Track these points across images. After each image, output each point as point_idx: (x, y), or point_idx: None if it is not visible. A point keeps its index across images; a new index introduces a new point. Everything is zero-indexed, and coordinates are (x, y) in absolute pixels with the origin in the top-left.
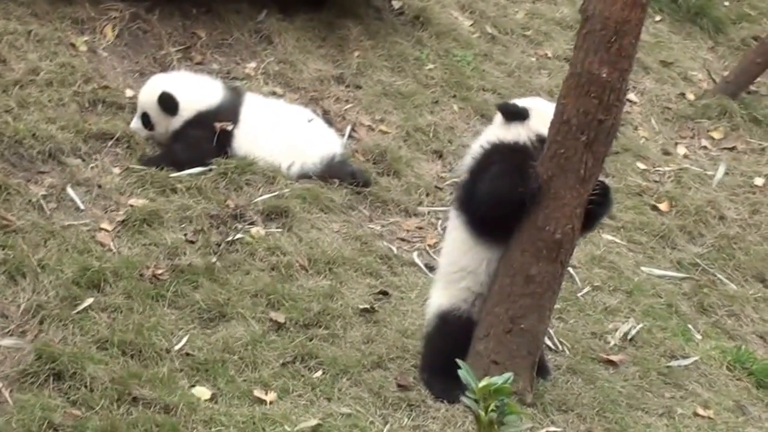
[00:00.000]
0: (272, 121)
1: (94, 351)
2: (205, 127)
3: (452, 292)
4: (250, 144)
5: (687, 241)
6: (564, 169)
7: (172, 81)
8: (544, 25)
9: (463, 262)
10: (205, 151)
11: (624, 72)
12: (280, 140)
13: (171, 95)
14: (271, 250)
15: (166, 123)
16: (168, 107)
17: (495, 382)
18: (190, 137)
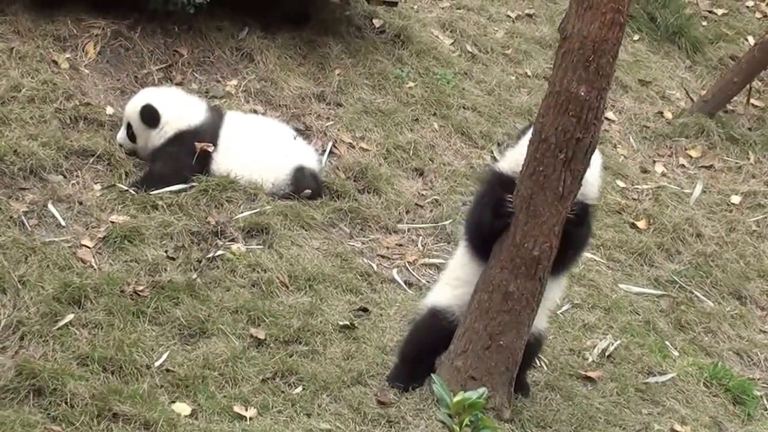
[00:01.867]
0: (251, 140)
1: (75, 367)
2: (185, 145)
3: (450, 293)
4: (229, 163)
5: (665, 259)
6: (543, 187)
7: (157, 95)
8: (524, 44)
9: (459, 273)
10: (184, 168)
11: (602, 91)
12: (258, 158)
13: (153, 107)
14: (252, 267)
15: (147, 136)
16: (148, 119)
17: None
18: (169, 155)
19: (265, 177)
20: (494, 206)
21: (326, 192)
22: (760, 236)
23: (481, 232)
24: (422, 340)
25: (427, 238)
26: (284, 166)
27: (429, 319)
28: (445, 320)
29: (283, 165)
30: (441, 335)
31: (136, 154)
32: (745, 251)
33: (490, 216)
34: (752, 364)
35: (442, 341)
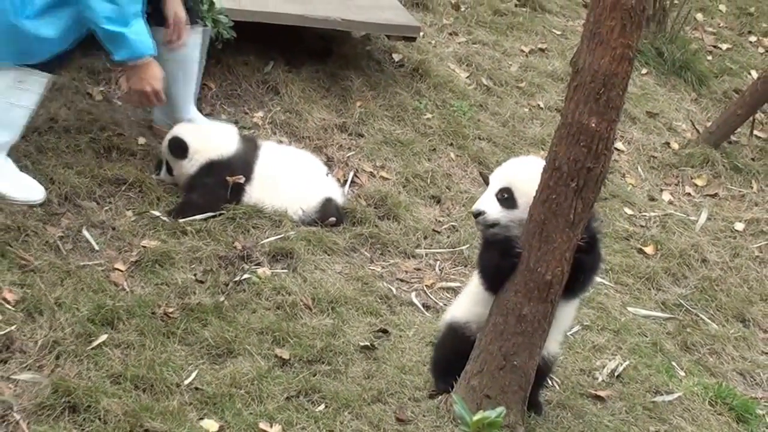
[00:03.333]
0: (285, 171)
1: (108, 385)
2: (218, 176)
3: (469, 309)
4: (261, 192)
5: (671, 283)
6: (555, 214)
7: (186, 128)
8: (537, 78)
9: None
10: (219, 199)
11: (612, 122)
12: (290, 188)
13: (180, 139)
14: (277, 290)
15: (179, 168)
16: (176, 151)
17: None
18: (204, 186)
19: (295, 205)
20: (501, 247)
21: (348, 219)
22: (762, 262)
23: (490, 274)
24: (446, 357)
25: (444, 262)
26: (314, 196)
27: (448, 335)
28: (462, 335)
29: (313, 195)
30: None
31: (177, 186)
32: (748, 276)
33: (498, 257)
34: (755, 384)
35: (461, 352)
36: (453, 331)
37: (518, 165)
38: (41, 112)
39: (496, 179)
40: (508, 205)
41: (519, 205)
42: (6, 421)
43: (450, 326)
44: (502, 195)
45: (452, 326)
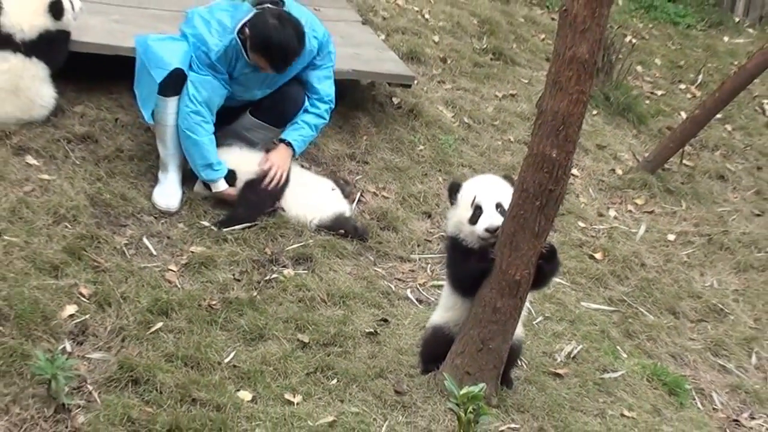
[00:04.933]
0: (308, 187)
1: (163, 363)
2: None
3: (444, 315)
4: (291, 203)
5: (616, 283)
6: (523, 227)
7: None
8: (509, 117)
9: (448, 301)
10: (261, 213)
11: (569, 153)
12: (309, 200)
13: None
14: (299, 287)
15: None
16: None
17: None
18: (250, 202)
19: (315, 215)
20: (479, 254)
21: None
22: (689, 266)
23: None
24: (429, 350)
25: (434, 265)
26: (330, 209)
27: (431, 335)
28: (442, 335)
29: (329, 208)
30: (440, 344)
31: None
32: (678, 277)
33: (475, 264)
34: (684, 365)
35: (442, 347)
36: (435, 332)
37: (494, 185)
38: (110, 143)
39: (487, 200)
40: (503, 215)
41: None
42: (81, 391)
43: (434, 329)
44: (501, 210)
45: (435, 329)
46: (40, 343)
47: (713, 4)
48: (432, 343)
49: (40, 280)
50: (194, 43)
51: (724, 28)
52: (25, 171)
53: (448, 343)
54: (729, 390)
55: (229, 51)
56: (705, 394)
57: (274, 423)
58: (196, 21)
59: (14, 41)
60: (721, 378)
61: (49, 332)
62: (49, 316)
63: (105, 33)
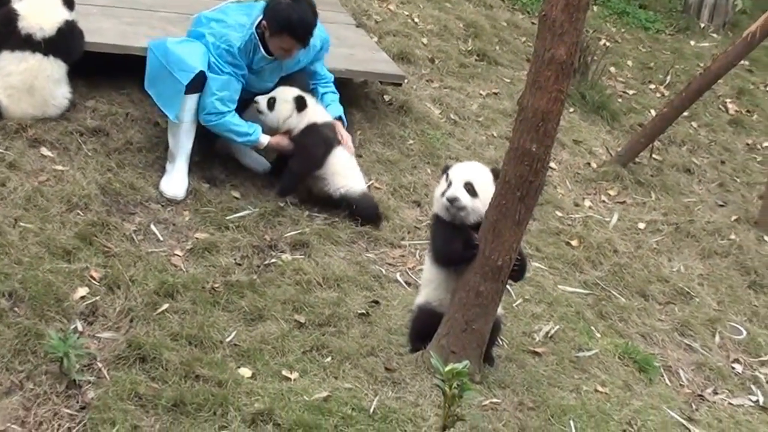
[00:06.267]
0: (344, 157)
1: (169, 341)
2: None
3: (427, 292)
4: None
5: (591, 268)
6: (504, 215)
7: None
8: (492, 114)
9: (430, 277)
10: (313, 166)
11: (548, 147)
12: (346, 170)
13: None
14: (296, 271)
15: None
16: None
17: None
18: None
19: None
20: (464, 241)
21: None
22: (658, 252)
23: (452, 260)
24: (417, 327)
25: (422, 251)
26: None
27: (418, 313)
28: (427, 311)
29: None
30: (426, 321)
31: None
32: (647, 263)
33: (461, 248)
34: (653, 344)
35: (428, 324)
36: (421, 311)
37: (471, 167)
38: (120, 136)
39: (457, 177)
40: (473, 194)
41: (479, 194)
42: (91, 368)
43: (419, 308)
44: (468, 187)
45: (420, 307)
46: (53, 323)
47: (681, 11)
48: (418, 321)
49: (53, 264)
50: (214, 43)
51: (690, 32)
52: (40, 162)
53: (433, 319)
54: (694, 367)
55: (248, 45)
56: (672, 371)
57: (272, 398)
58: (212, 22)
59: (34, 41)
60: (687, 356)
61: (62, 313)
62: (62, 298)
63: (117, 34)
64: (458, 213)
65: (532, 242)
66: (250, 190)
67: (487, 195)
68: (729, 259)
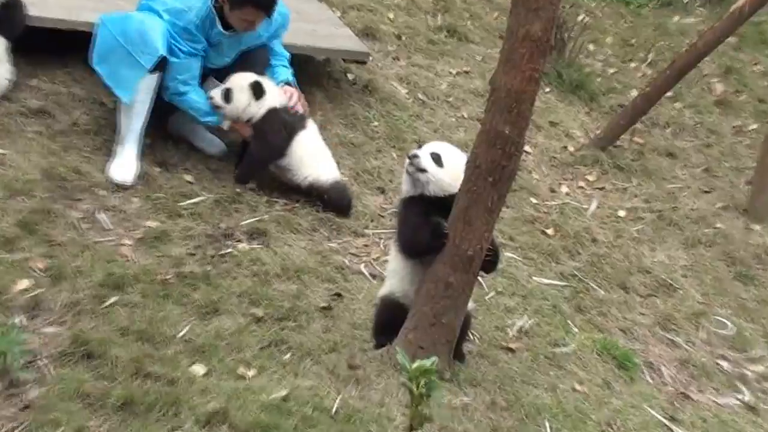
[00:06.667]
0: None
1: (117, 337)
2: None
3: (390, 283)
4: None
5: (568, 258)
6: (476, 202)
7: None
8: (462, 94)
9: (395, 267)
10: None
11: (522, 130)
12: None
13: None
14: (253, 261)
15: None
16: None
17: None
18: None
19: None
20: (432, 229)
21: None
22: (639, 241)
23: (419, 249)
24: (380, 319)
25: (387, 241)
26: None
27: (380, 305)
28: (390, 302)
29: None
30: (390, 314)
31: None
32: (628, 253)
33: (429, 236)
34: (633, 339)
35: (392, 317)
36: (382, 301)
37: (445, 145)
38: (66, 118)
39: (427, 147)
40: (438, 163)
41: (445, 166)
42: (34, 365)
43: (382, 299)
44: (434, 156)
45: (384, 299)
46: None
47: None
48: (382, 314)
49: None
50: (170, 20)
51: (674, 7)
52: None
53: (397, 311)
54: (678, 364)
55: (206, 21)
56: (654, 367)
57: (227, 397)
58: None
59: None
60: (669, 352)
61: (2, 306)
62: (2, 291)
63: (62, 8)
64: (418, 177)
65: (505, 231)
66: (204, 175)
67: (456, 172)
68: (715, 249)
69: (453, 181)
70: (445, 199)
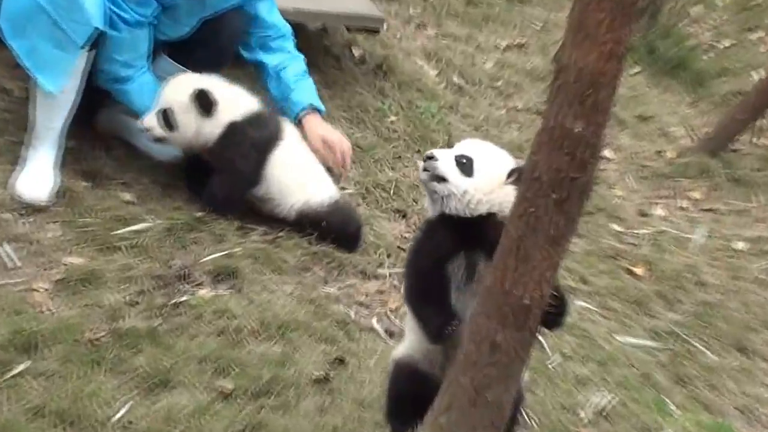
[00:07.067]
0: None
1: (27, 420)
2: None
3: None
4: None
5: (664, 308)
6: (534, 229)
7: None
8: (515, 76)
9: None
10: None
11: (599, 126)
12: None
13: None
14: (219, 313)
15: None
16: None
17: None
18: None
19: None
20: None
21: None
22: (765, 285)
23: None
24: (397, 396)
25: None
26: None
27: (393, 372)
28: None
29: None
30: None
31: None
32: (749, 300)
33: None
34: (756, 422)
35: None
36: (402, 369)
37: (485, 145)
38: None
39: (459, 147)
40: (465, 170)
41: (476, 175)
42: None
43: (398, 364)
44: (461, 159)
45: (400, 364)
46: None
47: None
48: (398, 385)
49: None
50: None
51: None
52: None
53: (419, 382)
54: None
55: None
56: None
57: None
58: None
59: None
60: None
61: None
62: None
63: None
64: (434, 188)
65: (575, 270)
66: (150, 191)
67: (493, 185)
68: None
69: (488, 196)
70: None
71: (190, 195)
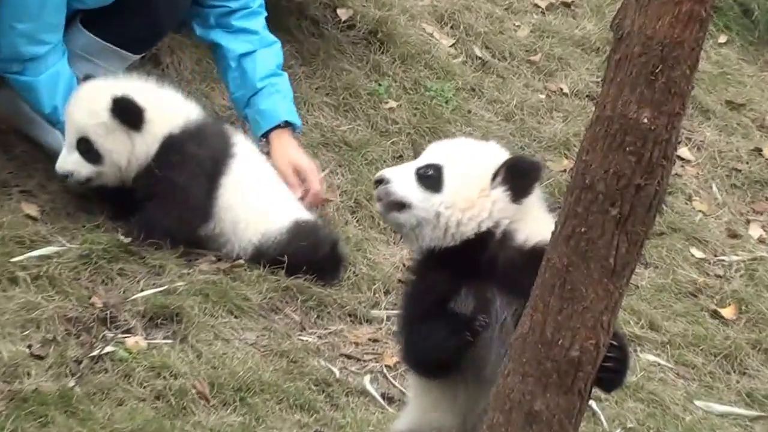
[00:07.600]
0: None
1: None
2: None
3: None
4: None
5: (761, 363)
6: (585, 257)
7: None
8: (558, 47)
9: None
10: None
11: (674, 117)
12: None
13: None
14: (157, 371)
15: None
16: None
17: None
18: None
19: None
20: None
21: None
22: None
23: (430, 365)
24: None
25: None
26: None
27: None
28: None
29: (284, 216)
30: None
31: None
32: None
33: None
34: None
35: None
36: None
37: (456, 140)
38: None
39: (423, 155)
40: (431, 185)
41: (444, 190)
42: None
43: None
44: (425, 172)
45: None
46: None
47: None
48: None
49: None
50: None
51: None
52: None
53: None
54: None
55: None
56: None
57: None
58: None
59: None
60: None
61: None
62: None
63: None
64: (395, 219)
65: (642, 311)
66: (61, 204)
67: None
68: None
69: (469, 212)
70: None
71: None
